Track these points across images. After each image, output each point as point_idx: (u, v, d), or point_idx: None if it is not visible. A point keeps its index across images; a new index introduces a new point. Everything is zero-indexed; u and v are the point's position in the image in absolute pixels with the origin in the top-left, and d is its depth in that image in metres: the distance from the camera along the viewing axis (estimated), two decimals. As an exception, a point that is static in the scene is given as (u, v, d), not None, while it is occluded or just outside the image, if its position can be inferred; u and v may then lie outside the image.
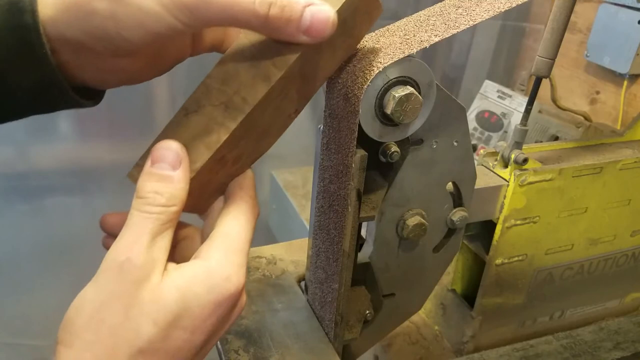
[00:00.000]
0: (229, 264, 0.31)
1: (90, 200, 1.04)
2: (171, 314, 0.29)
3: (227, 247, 0.31)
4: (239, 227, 0.33)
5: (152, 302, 0.28)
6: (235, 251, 0.32)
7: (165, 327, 0.29)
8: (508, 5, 0.38)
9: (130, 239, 0.29)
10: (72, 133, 0.99)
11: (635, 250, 0.65)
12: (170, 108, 1.00)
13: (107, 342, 0.28)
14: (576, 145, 0.59)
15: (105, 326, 0.28)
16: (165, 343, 0.29)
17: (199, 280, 0.30)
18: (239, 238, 0.32)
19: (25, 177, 0.99)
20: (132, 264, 0.28)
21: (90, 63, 0.32)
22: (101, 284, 0.29)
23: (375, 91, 0.37)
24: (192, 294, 0.29)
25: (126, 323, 0.28)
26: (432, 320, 0.66)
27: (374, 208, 0.44)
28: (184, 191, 0.31)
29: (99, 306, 0.28)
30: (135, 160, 0.35)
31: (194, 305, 0.29)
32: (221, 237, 0.32)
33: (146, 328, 0.28)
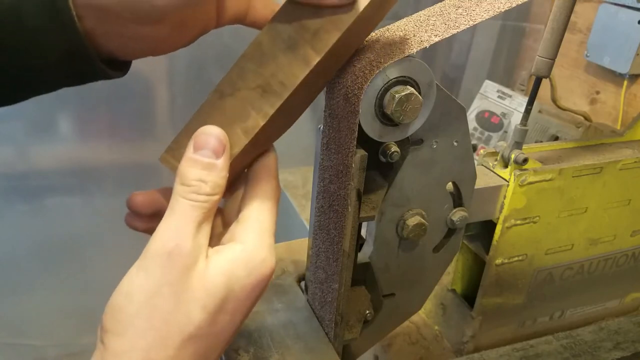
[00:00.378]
0: (263, 246, 0.32)
1: (90, 200, 1.04)
2: (219, 298, 0.30)
3: (260, 230, 0.32)
4: (267, 210, 0.33)
5: (201, 288, 0.29)
6: (268, 233, 0.33)
7: (214, 312, 0.29)
8: (508, 5, 0.38)
9: (177, 226, 0.30)
10: (72, 133, 0.99)
11: (635, 250, 0.65)
12: (170, 108, 1.01)
13: (160, 328, 0.28)
14: (576, 145, 0.59)
15: (158, 313, 0.28)
16: (212, 327, 0.30)
17: (241, 263, 0.31)
18: (269, 220, 0.33)
19: (25, 177, 0.99)
20: (181, 251, 0.29)
21: (115, 31, 0.32)
22: (150, 270, 0.29)
23: (375, 91, 0.37)
24: (235, 278, 0.30)
25: (178, 309, 0.28)
26: (432, 320, 0.66)
27: (374, 208, 0.44)
28: (225, 179, 0.32)
29: (150, 293, 0.28)
30: (135, 160, 0.35)
31: (237, 288, 0.30)
32: (253, 220, 0.33)
33: (196, 314, 0.29)
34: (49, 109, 0.93)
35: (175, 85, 0.98)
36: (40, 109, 0.92)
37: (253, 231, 0.32)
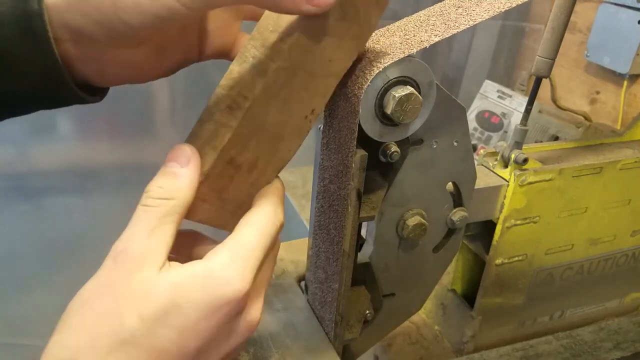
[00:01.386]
0: (232, 268, 0.29)
1: (90, 200, 1.04)
2: (159, 309, 0.27)
3: (234, 252, 0.30)
4: (251, 234, 0.31)
5: (141, 294, 0.28)
6: (243, 257, 0.30)
7: (152, 322, 0.27)
8: (508, 5, 0.38)
9: (129, 230, 0.29)
10: (72, 133, 0.99)
11: (635, 250, 0.65)
12: (170, 108, 1.01)
13: (91, 328, 0.27)
14: (576, 145, 0.59)
15: (93, 313, 0.27)
16: (149, 339, 0.27)
17: (197, 280, 0.28)
18: (249, 244, 0.31)
19: (25, 177, 0.99)
20: (127, 254, 0.28)
21: (91, 55, 0.32)
22: (98, 273, 0.29)
23: (375, 91, 0.37)
24: (185, 292, 0.28)
25: (113, 312, 0.27)
26: (432, 320, 0.66)
27: (374, 208, 0.44)
28: (188, 187, 0.31)
29: (90, 293, 0.28)
30: (135, 160, 0.35)
31: (186, 304, 0.28)
32: (231, 242, 0.31)
33: (131, 319, 0.27)
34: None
35: (175, 85, 0.98)
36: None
37: (226, 251, 0.30)
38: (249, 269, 0.30)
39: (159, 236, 0.29)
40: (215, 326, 0.29)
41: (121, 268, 0.28)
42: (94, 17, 0.30)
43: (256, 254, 0.30)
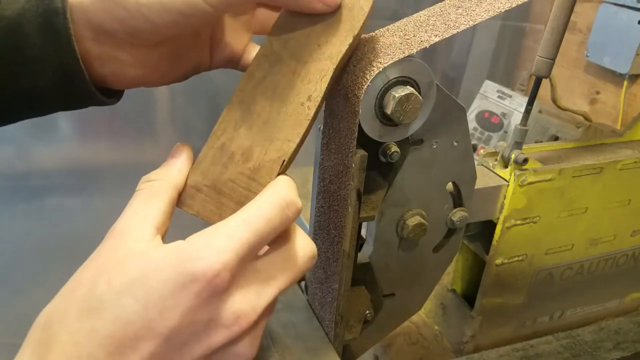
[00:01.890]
0: (205, 245, 0.27)
1: (90, 200, 1.04)
2: (127, 278, 0.27)
3: (212, 232, 0.28)
4: (237, 219, 0.29)
5: (115, 264, 0.27)
6: (221, 236, 0.28)
7: (118, 291, 0.26)
8: (508, 5, 0.38)
9: (122, 213, 0.30)
10: (72, 133, 0.99)
11: (635, 250, 0.65)
12: (171, 108, 1.00)
13: (67, 295, 0.28)
14: (576, 145, 0.59)
15: (73, 282, 0.28)
16: (115, 308, 0.26)
17: (168, 254, 0.27)
18: (233, 226, 0.28)
19: (25, 177, 0.99)
20: (114, 231, 0.29)
21: (110, 53, 0.32)
22: (92, 254, 0.29)
23: (375, 91, 0.37)
24: (153, 264, 0.27)
25: (89, 280, 0.27)
26: (432, 320, 0.66)
27: (374, 208, 0.44)
28: (177, 170, 0.32)
29: (80, 268, 0.29)
30: (135, 160, 0.35)
31: (152, 276, 0.26)
32: (214, 226, 0.29)
33: (101, 287, 0.27)
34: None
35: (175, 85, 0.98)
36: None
37: (207, 232, 0.28)
38: (229, 249, 0.27)
39: (145, 212, 0.29)
40: (185, 306, 0.26)
41: (106, 243, 0.29)
42: (116, 14, 0.30)
43: (242, 236, 0.28)
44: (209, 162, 0.33)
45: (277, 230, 0.29)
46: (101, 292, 0.27)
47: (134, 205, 0.30)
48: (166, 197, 0.31)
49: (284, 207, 0.29)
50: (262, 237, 0.29)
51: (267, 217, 0.29)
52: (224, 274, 0.27)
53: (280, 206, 0.29)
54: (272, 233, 0.29)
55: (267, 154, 0.33)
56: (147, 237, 0.28)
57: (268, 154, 0.33)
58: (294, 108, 0.34)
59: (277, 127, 0.33)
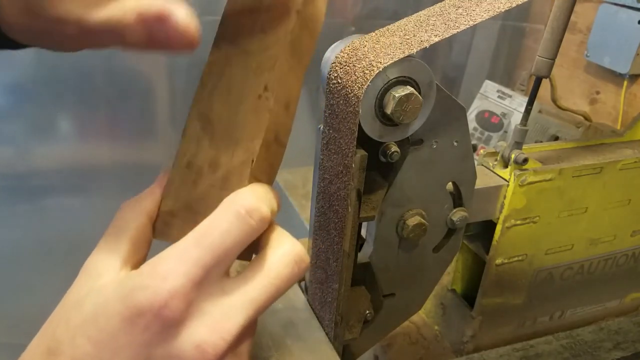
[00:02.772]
0: (151, 272, 0.25)
1: (90, 200, 1.04)
2: (81, 317, 0.25)
3: (160, 256, 0.25)
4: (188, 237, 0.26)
5: (75, 302, 0.26)
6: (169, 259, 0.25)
7: (73, 331, 0.25)
8: (508, 5, 0.38)
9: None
10: (72, 133, 0.99)
11: (635, 250, 0.65)
12: (171, 108, 1.00)
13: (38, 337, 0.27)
14: (576, 145, 0.59)
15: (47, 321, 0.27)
16: (69, 348, 0.25)
17: (117, 286, 0.25)
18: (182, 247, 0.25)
19: (26, 177, 0.99)
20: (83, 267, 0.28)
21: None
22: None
23: (375, 91, 0.37)
24: (103, 299, 0.25)
25: (53, 319, 0.27)
26: (432, 320, 0.66)
27: (374, 208, 0.44)
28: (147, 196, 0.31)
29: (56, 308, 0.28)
30: (135, 160, 0.35)
31: (102, 313, 0.25)
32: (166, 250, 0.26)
33: (60, 326, 0.26)
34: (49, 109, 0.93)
35: (175, 85, 0.98)
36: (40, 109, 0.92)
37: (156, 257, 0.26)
38: (179, 273, 0.24)
39: (111, 245, 0.28)
40: (137, 343, 0.24)
41: (76, 280, 0.27)
42: None
43: (193, 256, 0.25)
44: (178, 183, 0.31)
45: (239, 242, 0.26)
46: (60, 333, 0.25)
47: (103, 239, 0.29)
48: (135, 225, 0.29)
49: (244, 216, 0.26)
50: (220, 254, 0.26)
51: (223, 229, 0.26)
52: (174, 303, 0.24)
53: (238, 215, 0.26)
54: (233, 248, 0.26)
55: (233, 158, 0.30)
56: (112, 270, 0.27)
57: (235, 158, 0.30)
58: (252, 103, 0.30)
59: (239, 128, 0.30)
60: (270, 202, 0.28)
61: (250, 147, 0.30)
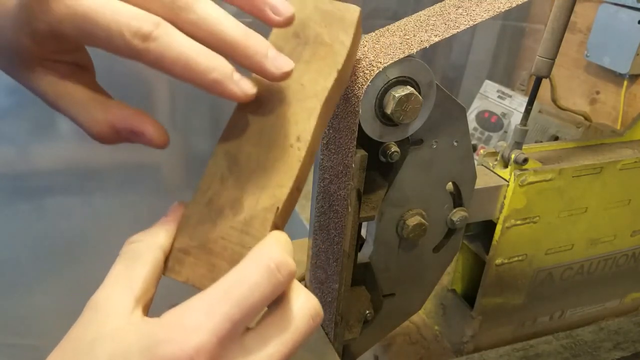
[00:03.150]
0: (176, 324, 0.23)
1: (90, 200, 1.04)
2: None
3: (186, 307, 0.24)
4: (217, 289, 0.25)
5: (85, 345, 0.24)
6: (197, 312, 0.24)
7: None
8: (508, 5, 0.38)
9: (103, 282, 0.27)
10: (72, 133, 0.99)
11: (635, 250, 0.65)
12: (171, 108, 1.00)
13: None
14: (576, 145, 0.59)
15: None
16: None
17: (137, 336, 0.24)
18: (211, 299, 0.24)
19: (26, 177, 0.99)
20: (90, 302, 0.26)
21: None
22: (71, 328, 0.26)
23: (375, 91, 0.37)
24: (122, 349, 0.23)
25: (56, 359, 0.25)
26: (432, 320, 0.66)
27: (374, 208, 0.44)
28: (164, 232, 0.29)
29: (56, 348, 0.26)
30: (135, 160, 0.34)
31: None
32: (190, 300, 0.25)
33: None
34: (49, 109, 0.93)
35: (175, 85, 0.98)
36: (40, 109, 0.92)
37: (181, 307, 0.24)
38: (206, 328, 0.23)
39: (124, 281, 0.26)
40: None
41: (82, 317, 0.25)
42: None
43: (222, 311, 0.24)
44: (195, 220, 0.30)
45: (266, 298, 0.25)
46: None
47: (114, 272, 0.27)
48: (149, 260, 0.27)
49: (274, 270, 0.25)
50: (248, 309, 0.24)
51: (252, 283, 0.25)
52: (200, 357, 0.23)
53: (268, 269, 0.25)
54: (261, 303, 0.25)
55: (258, 203, 0.30)
56: (124, 310, 0.25)
57: (260, 203, 0.30)
58: (283, 151, 0.31)
59: (267, 174, 0.30)
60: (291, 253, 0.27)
61: (278, 194, 0.30)
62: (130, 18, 0.25)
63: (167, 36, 0.26)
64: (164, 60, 0.26)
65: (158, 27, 0.26)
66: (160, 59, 0.26)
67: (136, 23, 0.25)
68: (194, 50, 0.26)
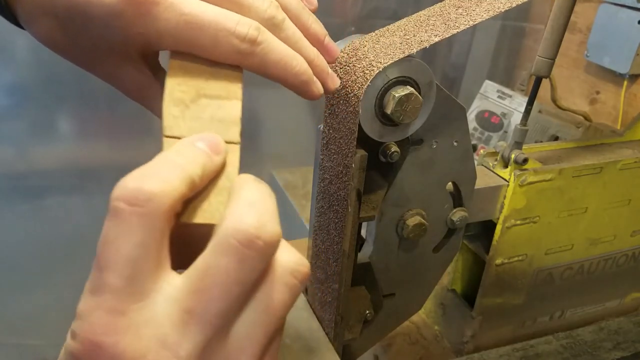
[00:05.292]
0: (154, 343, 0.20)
1: (90, 200, 1.04)
2: None
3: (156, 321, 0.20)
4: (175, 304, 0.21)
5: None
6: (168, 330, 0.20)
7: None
8: (508, 5, 0.38)
9: None
10: (72, 133, 0.99)
11: (635, 250, 0.65)
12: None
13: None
14: (576, 145, 0.59)
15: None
16: None
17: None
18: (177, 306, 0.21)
19: (25, 177, 0.99)
20: None
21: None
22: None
23: (375, 91, 0.37)
24: None
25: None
26: (432, 320, 0.66)
27: (374, 208, 0.44)
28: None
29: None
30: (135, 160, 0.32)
31: None
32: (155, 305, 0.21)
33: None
34: (49, 109, 0.93)
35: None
36: (40, 109, 0.92)
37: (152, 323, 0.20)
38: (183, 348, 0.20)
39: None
40: None
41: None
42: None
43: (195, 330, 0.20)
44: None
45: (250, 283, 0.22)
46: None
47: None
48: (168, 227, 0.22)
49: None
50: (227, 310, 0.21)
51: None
52: None
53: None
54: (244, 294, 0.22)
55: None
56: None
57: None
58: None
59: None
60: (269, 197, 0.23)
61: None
62: (235, 23, 0.27)
63: (269, 41, 0.28)
64: (268, 62, 0.29)
65: (261, 32, 0.28)
66: (265, 61, 0.28)
67: (242, 29, 0.27)
68: (290, 54, 0.29)
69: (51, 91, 0.89)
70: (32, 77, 0.88)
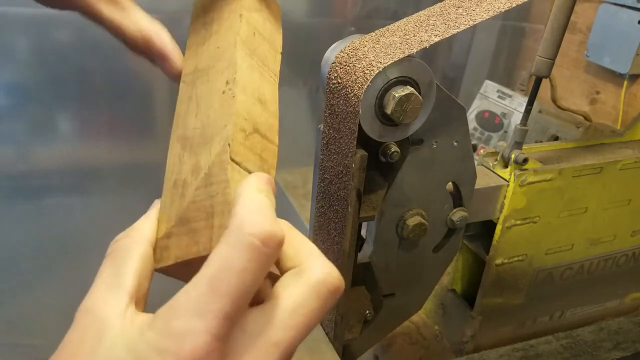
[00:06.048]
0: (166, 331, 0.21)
1: (90, 200, 1.04)
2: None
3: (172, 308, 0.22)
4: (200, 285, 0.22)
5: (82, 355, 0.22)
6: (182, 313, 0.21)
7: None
8: (508, 5, 0.38)
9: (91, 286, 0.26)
10: (72, 133, 0.99)
11: (635, 250, 0.65)
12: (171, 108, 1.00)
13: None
14: (576, 145, 0.59)
15: None
16: None
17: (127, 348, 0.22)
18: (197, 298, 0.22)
19: (26, 177, 0.99)
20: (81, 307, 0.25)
21: None
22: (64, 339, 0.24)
23: (375, 91, 0.37)
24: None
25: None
26: (432, 320, 0.66)
27: (374, 208, 0.44)
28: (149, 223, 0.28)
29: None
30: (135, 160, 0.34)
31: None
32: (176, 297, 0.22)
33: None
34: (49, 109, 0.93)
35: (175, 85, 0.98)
36: (40, 109, 0.92)
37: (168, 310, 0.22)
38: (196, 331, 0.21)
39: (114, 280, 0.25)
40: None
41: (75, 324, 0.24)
42: None
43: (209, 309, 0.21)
44: (168, 204, 0.29)
45: (259, 278, 0.22)
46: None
47: (102, 274, 0.25)
48: (138, 254, 0.26)
49: (259, 247, 0.22)
50: (240, 296, 0.22)
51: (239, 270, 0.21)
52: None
53: (252, 248, 0.22)
54: (254, 284, 0.22)
55: (211, 153, 0.28)
56: (118, 310, 0.23)
57: (213, 152, 0.28)
58: (219, 101, 0.30)
59: (213, 128, 0.30)
60: (273, 203, 0.24)
61: (224, 134, 0.29)
62: None
63: None
64: None
65: None
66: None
67: None
68: None
69: (51, 91, 0.89)
70: (32, 77, 0.88)
